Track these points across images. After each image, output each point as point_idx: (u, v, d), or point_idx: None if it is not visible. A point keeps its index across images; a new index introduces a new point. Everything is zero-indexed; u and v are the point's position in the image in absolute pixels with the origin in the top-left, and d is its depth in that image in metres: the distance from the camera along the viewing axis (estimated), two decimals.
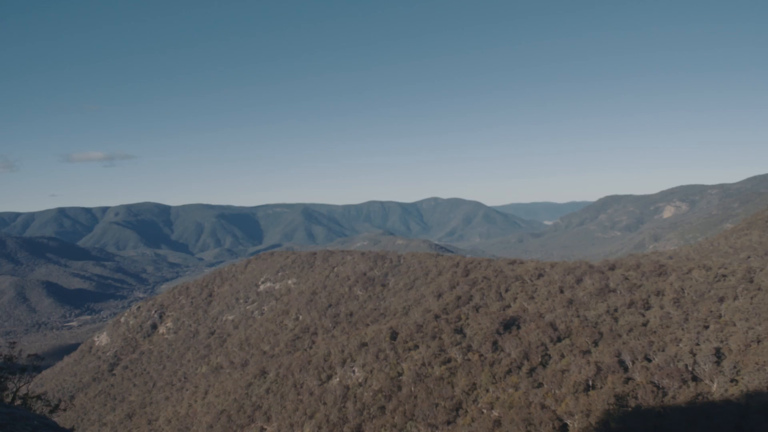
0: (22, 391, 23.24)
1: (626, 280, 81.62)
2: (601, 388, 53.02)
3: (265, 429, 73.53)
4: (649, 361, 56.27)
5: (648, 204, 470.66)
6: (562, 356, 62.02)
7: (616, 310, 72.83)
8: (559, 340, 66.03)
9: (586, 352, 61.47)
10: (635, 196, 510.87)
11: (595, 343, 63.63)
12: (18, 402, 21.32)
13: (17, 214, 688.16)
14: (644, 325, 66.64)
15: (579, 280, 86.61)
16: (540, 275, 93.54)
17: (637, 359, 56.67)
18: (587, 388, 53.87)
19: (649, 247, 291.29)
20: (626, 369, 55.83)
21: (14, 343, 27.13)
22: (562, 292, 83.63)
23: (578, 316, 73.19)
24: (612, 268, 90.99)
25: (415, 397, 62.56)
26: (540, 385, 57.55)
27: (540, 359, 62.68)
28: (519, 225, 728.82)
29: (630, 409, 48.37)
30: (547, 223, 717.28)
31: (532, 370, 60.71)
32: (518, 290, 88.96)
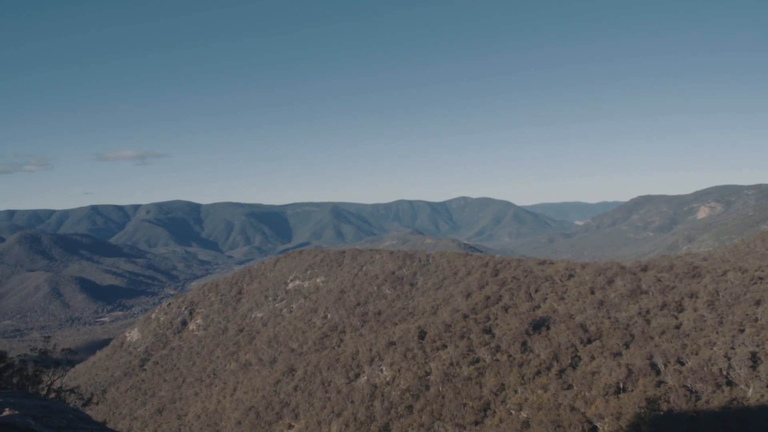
0: (56, 384, 23.52)
1: (659, 282, 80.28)
2: (632, 391, 52.17)
3: (293, 426, 73.80)
4: (682, 364, 55.22)
5: (682, 204, 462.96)
6: (593, 358, 61.21)
7: (648, 312, 71.67)
8: (590, 341, 65.18)
9: (617, 354, 60.58)
10: (668, 197, 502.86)
11: (627, 346, 62.68)
12: (52, 395, 21.58)
13: (52, 212, 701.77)
14: (677, 327, 65.49)
15: (610, 281, 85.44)
16: (570, 276, 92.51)
17: (669, 362, 55.64)
18: (618, 391, 53.06)
19: (683, 249, 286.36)
20: (658, 372, 54.85)
21: (49, 337, 27.56)
22: (592, 293, 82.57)
23: (609, 318, 72.20)
24: (644, 269, 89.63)
25: (443, 396, 62.23)
26: (569, 386, 56.84)
27: (570, 361, 61.94)
28: (549, 225, 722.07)
29: (662, 412, 47.51)
30: (578, 223, 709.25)
31: (561, 372, 60.01)
32: (548, 291, 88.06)
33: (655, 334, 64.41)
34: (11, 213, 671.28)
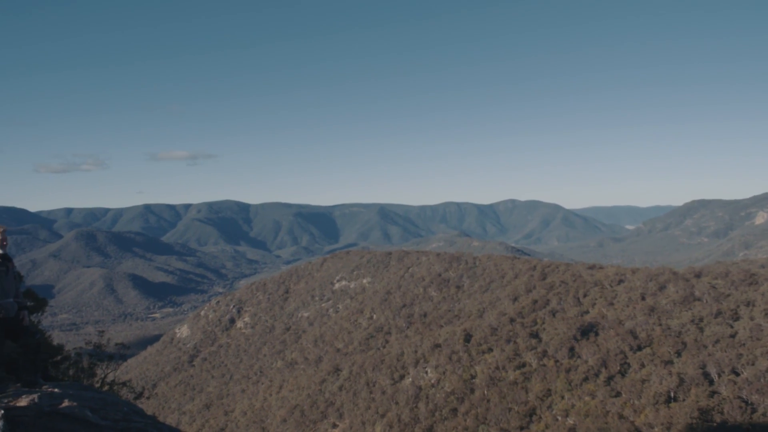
0: (110, 377, 24.12)
1: (713, 289, 78.07)
2: (684, 400, 50.93)
3: (337, 426, 74.26)
4: (737, 374, 53.62)
5: (738, 209, 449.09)
6: (643, 365, 59.94)
7: (701, 319, 69.78)
8: (640, 348, 63.85)
9: (668, 363, 59.18)
10: (724, 201, 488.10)
11: (678, 354, 61.17)
12: (106, 388, 22.13)
13: (107, 210, 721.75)
14: (732, 336, 63.58)
15: (662, 288, 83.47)
16: (620, 281, 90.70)
17: (723, 372, 54.10)
18: (669, 400, 51.86)
19: (739, 255, 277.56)
20: (711, 382, 53.39)
21: (103, 331, 28.34)
22: (643, 299, 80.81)
23: (660, 325, 70.54)
24: (698, 275, 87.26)
25: (488, 400, 61.80)
26: (618, 394, 55.80)
27: (618, 368, 60.78)
28: (599, 229, 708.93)
29: (715, 424, 46.25)
30: (629, 227, 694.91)
31: (609, 379, 58.94)
32: (597, 296, 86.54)
33: (709, 342, 62.68)
34: (69, 211, 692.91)
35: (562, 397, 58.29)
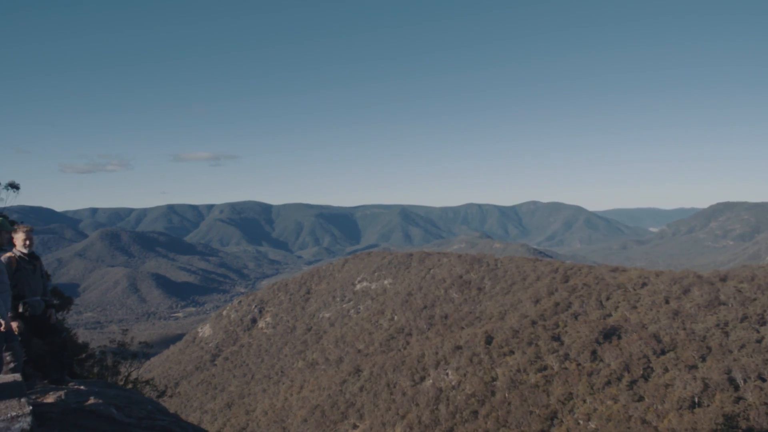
0: (133, 375, 24.41)
1: (739, 293, 76.99)
2: (708, 406, 50.29)
3: (358, 426, 74.39)
4: (764, 380, 52.86)
5: (765, 212, 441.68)
6: (666, 370, 59.31)
7: (726, 324, 68.86)
8: (663, 352, 63.18)
9: (693, 367, 58.49)
10: (751, 204, 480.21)
11: (703, 358, 60.43)
12: (129, 386, 22.37)
13: (131, 210, 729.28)
14: (758, 341, 62.66)
15: (686, 291, 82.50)
16: (644, 284, 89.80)
17: (749, 378, 53.35)
18: (693, 405, 51.25)
19: (766, 259, 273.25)
20: (737, 388, 52.67)
21: (126, 330, 28.73)
22: (667, 302, 79.92)
23: (684, 329, 69.73)
24: (723, 279, 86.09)
25: (509, 403, 61.54)
26: (641, 398, 55.26)
27: (642, 372, 60.20)
28: (622, 231, 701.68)
29: (740, 430, 45.63)
30: (653, 230, 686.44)
31: (632, 383, 58.40)
32: (620, 299, 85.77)
33: (734, 347, 61.85)
34: (94, 211, 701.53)
35: (584, 401, 57.87)
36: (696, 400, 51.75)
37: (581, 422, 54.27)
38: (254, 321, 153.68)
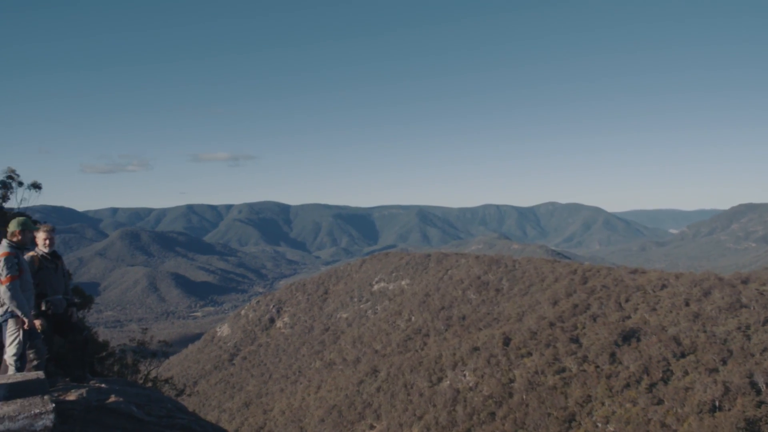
0: (153, 374, 24.64)
1: (761, 296, 76.02)
2: (729, 410, 49.72)
3: (375, 427, 74.44)
4: None
5: None
6: (686, 373, 58.72)
7: (748, 327, 68.03)
8: (683, 355, 62.56)
9: (713, 371, 57.86)
10: None
11: (724, 362, 59.74)
12: (149, 384, 22.57)
13: (151, 210, 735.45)
14: None
15: (707, 293, 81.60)
16: (663, 286, 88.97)
17: None
18: (713, 409, 50.69)
19: None
20: (759, 392, 52.01)
21: (146, 329, 29.05)
22: (687, 305, 79.13)
23: (705, 332, 69.00)
24: (745, 281, 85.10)
25: (527, 405, 61.26)
26: (660, 402, 54.77)
27: (661, 375, 59.66)
28: (642, 233, 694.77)
29: None
30: (673, 231, 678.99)
31: (652, 386, 57.89)
32: (639, 301, 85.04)
33: (756, 350, 61.09)
34: (114, 210, 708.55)
35: (603, 404, 57.47)
36: (717, 404, 51.18)
37: (600, 425, 53.90)
38: (272, 321, 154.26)
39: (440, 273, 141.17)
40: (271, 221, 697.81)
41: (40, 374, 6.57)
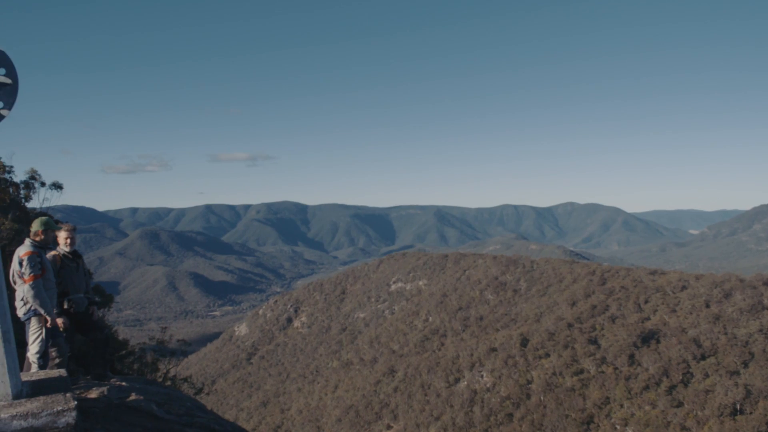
0: (171, 372, 24.82)
1: None
2: (751, 413, 49.13)
3: (392, 427, 74.45)
4: None
5: None
6: (707, 375, 58.11)
7: None
8: (703, 357, 61.91)
9: (734, 373, 57.20)
10: None
11: (745, 364, 59.04)
12: (168, 382, 22.72)
13: (170, 210, 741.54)
14: None
15: (728, 295, 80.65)
16: (683, 287, 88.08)
17: None
18: (734, 412, 50.12)
19: None
20: None
21: (165, 328, 29.27)
22: (707, 306, 78.27)
23: (726, 334, 68.20)
24: (766, 283, 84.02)
25: (544, 406, 60.96)
26: (680, 404, 54.25)
27: (681, 377, 59.09)
28: (661, 233, 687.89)
29: None
30: (693, 232, 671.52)
31: (671, 388, 57.36)
32: (659, 302, 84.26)
33: None
34: (134, 210, 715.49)
35: (622, 406, 57.04)
36: (738, 407, 50.59)
37: (618, 427, 53.50)
38: (290, 320, 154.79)
39: (458, 273, 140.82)
40: (289, 221, 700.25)
41: (63, 372, 6.66)
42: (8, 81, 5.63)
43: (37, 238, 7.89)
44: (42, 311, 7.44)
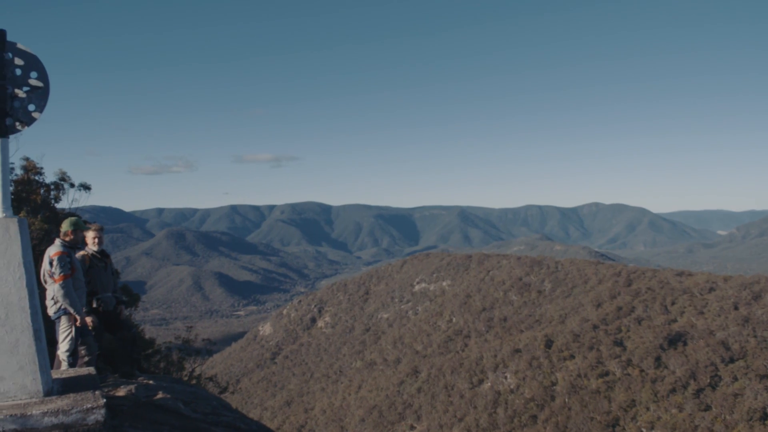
0: (197, 371, 25.06)
1: None
2: None
3: (415, 428, 74.40)
4: None
5: None
6: (735, 379, 57.23)
7: None
8: (732, 360, 60.98)
9: (764, 377, 56.26)
10: None
11: None
12: (193, 381, 22.94)
13: (195, 210, 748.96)
14: None
15: (757, 297, 79.35)
16: (711, 289, 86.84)
17: None
18: (765, 417, 49.32)
19: None
20: None
21: (191, 327, 29.57)
22: (736, 308, 77.07)
23: (755, 336, 67.10)
24: None
25: (569, 408, 60.49)
26: (708, 408, 53.51)
27: (709, 380, 58.27)
28: (688, 234, 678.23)
29: None
30: (721, 233, 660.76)
31: (699, 391, 56.60)
32: (686, 304, 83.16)
33: None
34: (160, 211, 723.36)
35: (648, 409, 56.42)
36: None
37: (644, 430, 52.93)
38: (314, 320, 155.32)
39: (481, 274, 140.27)
40: (313, 221, 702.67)
41: (92, 370, 6.77)
42: (40, 84, 5.78)
43: (67, 238, 8.03)
44: (72, 310, 7.58)
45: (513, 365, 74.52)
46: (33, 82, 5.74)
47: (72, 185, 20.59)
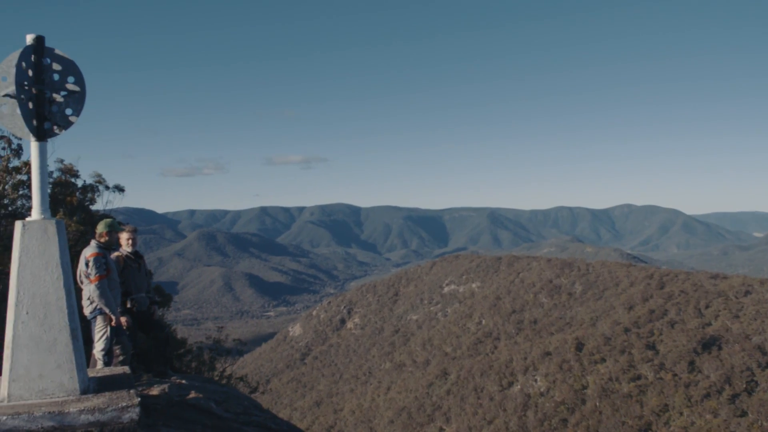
0: (228, 371, 25.28)
1: None
2: None
3: (444, 429, 74.19)
4: None
5: None
6: None
7: None
8: None
9: None
10: None
11: None
12: (224, 381, 23.16)
13: (226, 212, 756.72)
14: None
15: None
16: (747, 292, 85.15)
17: None
18: None
19: None
20: None
21: (222, 327, 29.94)
22: None
23: None
24: None
25: (600, 412, 59.80)
26: (744, 413, 52.49)
27: (744, 385, 57.15)
28: (723, 236, 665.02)
29: None
30: (757, 234, 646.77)
31: (734, 397, 55.54)
32: (720, 307, 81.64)
33: None
34: (192, 212, 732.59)
35: (681, 414, 55.55)
36: None
37: None
38: (343, 321, 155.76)
39: (511, 276, 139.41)
40: (343, 223, 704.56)
41: (126, 369, 6.91)
42: (77, 89, 5.93)
43: (102, 240, 8.20)
44: (107, 310, 7.74)
45: (543, 368, 73.94)
46: (70, 86, 5.90)
47: (107, 187, 20.94)
